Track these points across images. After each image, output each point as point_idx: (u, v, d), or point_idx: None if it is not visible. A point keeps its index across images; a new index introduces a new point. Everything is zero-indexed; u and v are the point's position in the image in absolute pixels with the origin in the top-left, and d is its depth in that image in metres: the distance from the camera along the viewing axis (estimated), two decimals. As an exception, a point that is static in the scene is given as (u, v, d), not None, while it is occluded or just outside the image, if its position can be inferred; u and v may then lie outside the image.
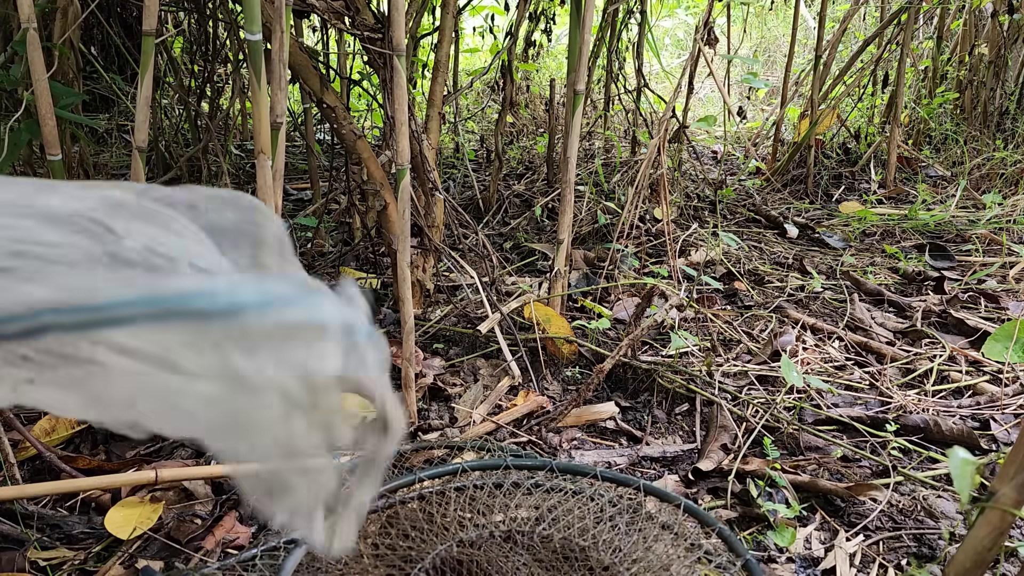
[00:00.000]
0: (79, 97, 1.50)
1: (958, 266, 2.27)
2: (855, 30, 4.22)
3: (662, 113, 2.04)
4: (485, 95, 4.17)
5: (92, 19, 2.58)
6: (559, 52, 4.56)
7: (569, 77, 1.67)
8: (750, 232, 2.59)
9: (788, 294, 2.05)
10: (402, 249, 1.34)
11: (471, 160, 3.42)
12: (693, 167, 3.01)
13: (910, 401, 1.50)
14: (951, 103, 3.44)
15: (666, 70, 3.98)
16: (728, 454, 1.32)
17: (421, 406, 1.48)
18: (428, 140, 1.69)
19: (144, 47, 1.25)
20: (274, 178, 1.17)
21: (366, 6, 1.49)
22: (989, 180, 2.99)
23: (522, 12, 2.46)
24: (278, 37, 1.15)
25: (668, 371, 1.54)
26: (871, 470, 1.31)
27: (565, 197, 1.69)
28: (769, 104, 4.64)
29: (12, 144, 1.33)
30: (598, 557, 0.97)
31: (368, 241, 2.15)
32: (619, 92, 2.82)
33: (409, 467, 1.26)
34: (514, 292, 1.93)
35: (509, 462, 1.13)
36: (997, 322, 1.82)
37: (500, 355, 1.63)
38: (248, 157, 3.13)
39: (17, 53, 1.36)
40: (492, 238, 2.44)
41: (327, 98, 1.58)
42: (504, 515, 1.06)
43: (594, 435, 1.41)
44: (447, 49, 1.74)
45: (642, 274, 2.13)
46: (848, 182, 3.20)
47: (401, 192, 1.31)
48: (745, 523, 1.17)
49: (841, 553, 1.10)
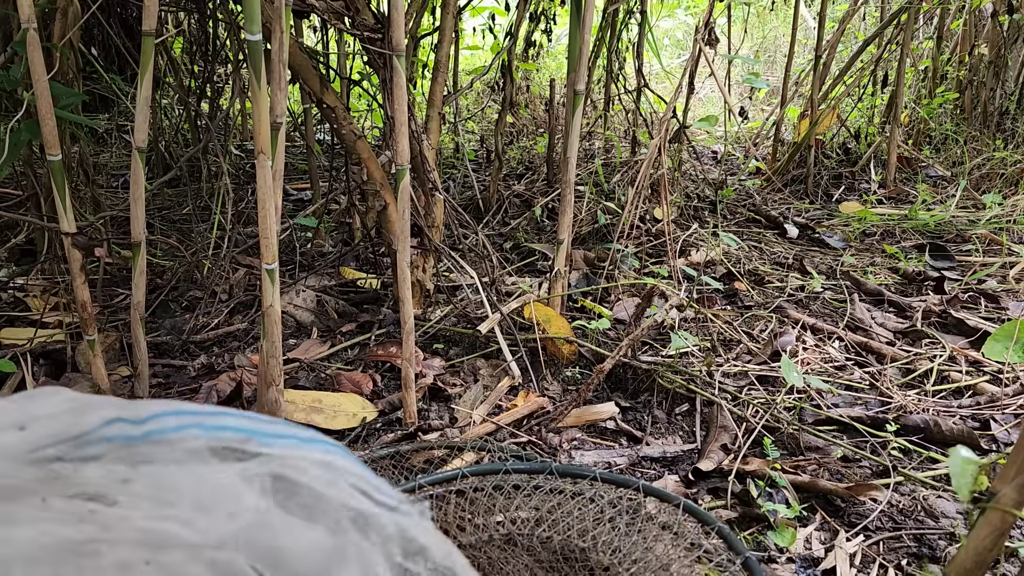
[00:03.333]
0: (79, 97, 1.50)
1: (958, 266, 2.27)
2: (855, 30, 4.22)
3: (662, 113, 2.04)
4: (485, 95, 4.17)
5: (92, 19, 2.58)
6: (559, 52, 4.56)
7: (569, 77, 1.67)
8: (750, 232, 2.59)
9: (788, 294, 2.05)
10: (402, 249, 1.34)
11: (471, 160, 3.42)
12: (693, 167, 3.01)
13: (910, 401, 1.50)
14: (951, 103, 3.44)
15: (666, 70, 3.98)
16: (728, 454, 1.32)
17: (421, 406, 1.48)
18: (428, 140, 1.69)
19: (144, 47, 1.25)
20: (274, 178, 1.17)
21: (366, 6, 1.49)
22: (989, 180, 2.99)
23: (522, 12, 2.46)
24: (278, 37, 1.15)
25: (668, 371, 1.54)
26: (871, 470, 1.31)
27: (565, 197, 1.69)
28: (769, 104, 4.64)
29: (12, 144, 1.33)
30: (598, 558, 0.97)
31: (368, 241, 2.15)
32: (619, 92, 2.82)
33: (409, 467, 1.26)
34: (514, 292, 1.93)
35: (508, 466, 1.13)
36: (997, 322, 1.82)
37: (500, 355, 1.63)
38: (248, 157, 3.13)
39: (17, 53, 1.36)
40: (492, 238, 2.43)
41: (327, 98, 1.58)
42: (504, 517, 1.06)
43: (594, 435, 1.41)
44: (447, 49, 1.74)
45: (642, 274, 2.13)
46: (848, 182, 3.20)
47: (401, 192, 1.31)
48: (745, 523, 1.17)
49: (841, 553, 1.10)
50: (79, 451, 0.44)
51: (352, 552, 0.46)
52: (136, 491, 0.43)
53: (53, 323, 1.67)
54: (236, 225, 2.28)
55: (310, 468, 0.49)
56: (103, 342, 1.61)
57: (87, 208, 1.92)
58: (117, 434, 0.45)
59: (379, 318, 1.83)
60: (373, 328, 1.78)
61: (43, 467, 0.43)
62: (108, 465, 0.44)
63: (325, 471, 0.50)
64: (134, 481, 0.44)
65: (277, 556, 0.44)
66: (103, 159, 2.82)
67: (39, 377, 1.51)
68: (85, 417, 0.46)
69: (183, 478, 0.45)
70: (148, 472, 0.44)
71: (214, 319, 1.81)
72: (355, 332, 1.80)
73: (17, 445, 0.44)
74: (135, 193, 1.33)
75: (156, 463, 0.45)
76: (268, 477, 0.47)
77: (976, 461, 0.70)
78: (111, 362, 1.60)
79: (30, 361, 1.52)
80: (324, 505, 0.47)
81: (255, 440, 0.48)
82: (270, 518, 0.45)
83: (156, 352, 1.66)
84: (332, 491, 0.48)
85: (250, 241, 2.25)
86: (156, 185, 2.10)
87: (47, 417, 0.46)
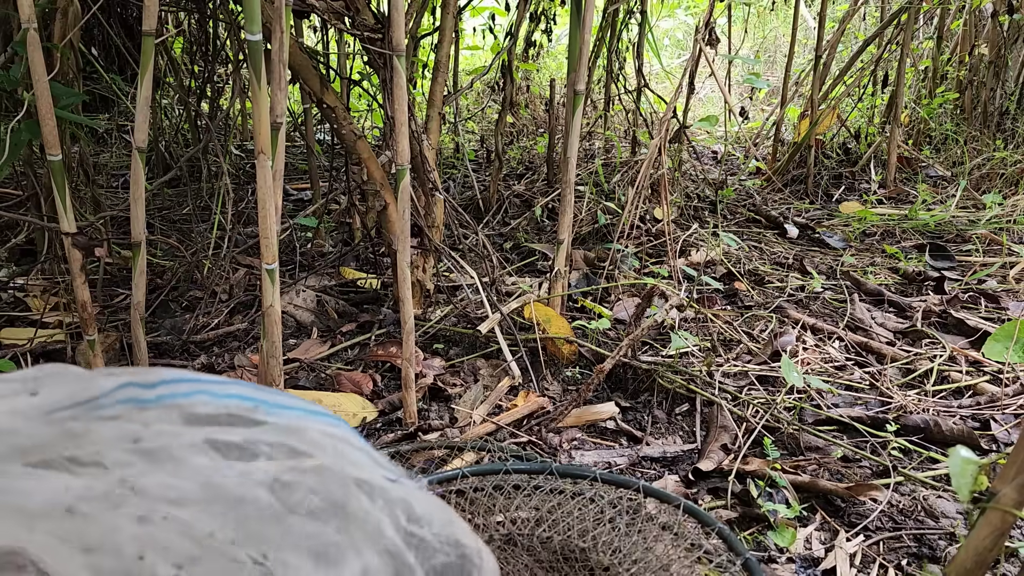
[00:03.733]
0: (79, 97, 1.50)
1: (958, 266, 2.27)
2: (855, 30, 4.22)
3: (662, 113, 2.04)
4: (485, 95, 4.17)
5: (92, 19, 2.58)
6: (559, 52, 4.56)
7: (569, 77, 1.67)
8: (750, 232, 2.59)
9: (788, 294, 2.05)
10: (402, 249, 1.34)
11: (471, 160, 3.42)
12: (693, 167, 3.01)
13: (910, 401, 1.50)
14: (951, 103, 3.44)
15: (666, 70, 3.98)
16: (728, 454, 1.32)
17: (421, 406, 1.48)
18: (428, 140, 1.69)
19: (144, 47, 1.25)
20: (274, 178, 1.17)
21: (366, 6, 1.49)
22: (989, 180, 2.99)
23: (522, 12, 2.46)
24: (278, 37, 1.15)
25: (668, 371, 1.54)
26: (871, 470, 1.31)
27: (565, 197, 1.69)
28: (769, 104, 4.64)
29: (12, 144, 1.33)
30: (598, 558, 0.97)
31: (368, 241, 2.15)
32: (619, 92, 2.82)
33: (409, 467, 1.26)
34: (514, 292, 1.93)
35: (509, 466, 1.13)
36: (997, 322, 1.82)
37: (500, 355, 1.63)
38: (248, 157, 3.13)
39: (17, 53, 1.36)
40: (492, 238, 2.44)
41: (327, 98, 1.58)
42: (504, 517, 1.06)
43: (594, 435, 1.41)
44: (447, 49, 1.74)
45: (642, 274, 2.13)
46: (848, 182, 3.20)
47: (401, 192, 1.31)
48: (745, 523, 1.17)
49: (841, 553, 1.10)
50: (93, 412, 0.45)
51: (360, 514, 0.47)
52: (149, 450, 0.44)
53: (53, 323, 1.67)
54: (236, 225, 2.28)
55: (317, 437, 0.50)
56: (103, 342, 1.61)
57: (87, 208, 1.92)
58: (130, 397, 0.47)
59: (379, 318, 1.83)
60: (373, 328, 1.78)
61: (60, 425, 0.44)
62: (122, 424, 0.45)
63: (331, 440, 0.51)
64: (146, 441, 0.44)
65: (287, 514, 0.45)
66: (103, 159, 2.82)
67: (39, 377, 1.50)
68: (97, 382, 0.47)
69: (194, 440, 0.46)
70: (159, 432, 0.45)
71: (214, 319, 1.81)
72: (355, 332, 1.80)
73: (32, 408, 0.45)
74: (135, 193, 1.33)
75: (167, 424, 0.46)
76: (276, 443, 0.48)
77: (976, 461, 0.70)
78: (111, 362, 1.60)
79: (30, 361, 1.52)
80: (330, 470, 0.48)
81: (262, 409, 0.49)
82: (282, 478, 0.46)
83: (156, 352, 1.66)
84: (338, 460, 0.49)
85: (250, 241, 2.25)
86: (156, 185, 2.11)
87: (58, 385, 0.47)
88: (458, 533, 0.54)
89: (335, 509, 0.47)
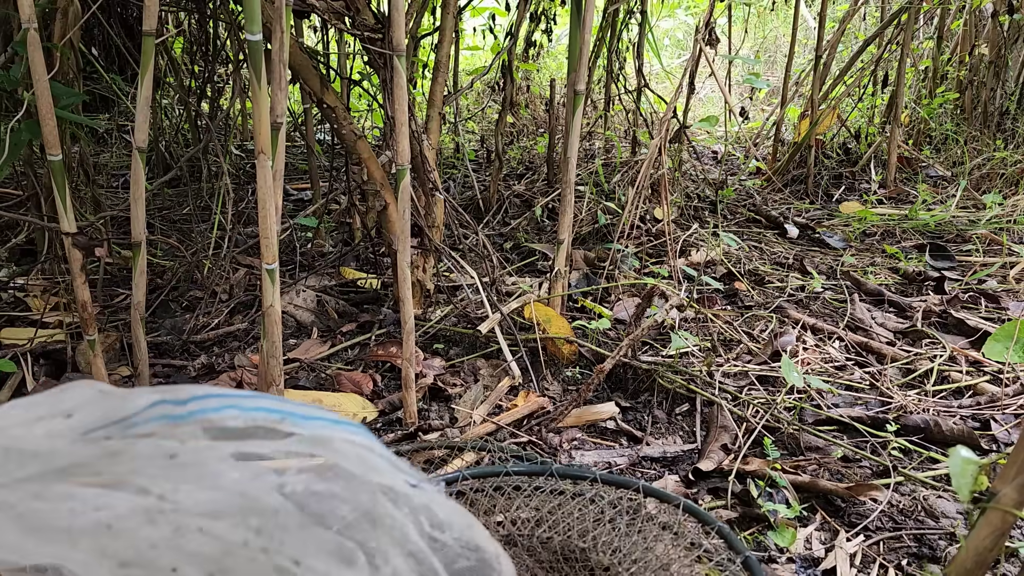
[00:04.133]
0: (79, 97, 1.50)
1: (958, 266, 2.27)
2: (855, 30, 4.22)
3: (662, 113, 2.04)
4: (485, 95, 4.17)
5: (92, 19, 2.58)
6: (559, 52, 4.56)
7: (569, 77, 1.67)
8: (750, 232, 2.59)
9: (788, 294, 2.05)
10: (402, 249, 1.34)
11: (471, 160, 3.42)
12: (693, 167, 3.01)
13: (910, 401, 1.50)
14: (951, 103, 3.44)
15: (666, 70, 3.98)
16: (728, 454, 1.32)
17: (421, 406, 1.48)
18: (428, 140, 1.69)
19: (144, 47, 1.25)
20: (274, 178, 1.17)
21: (366, 6, 1.49)
22: (989, 180, 2.99)
23: (523, 12, 2.46)
24: (278, 37, 1.15)
25: (668, 371, 1.54)
26: (871, 470, 1.31)
27: (565, 197, 1.69)
28: (769, 104, 4.64)
29: (12, 144, 1.33)
30: (598, 558, 0.97)
31: (368, 241, 2.15)
32: (619, 92, 2.82)
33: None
34: (514, 292, 1.93)
35: (509, 468, 1.13)
36: (997, 322, 1.82)
37: (500, 355, 1.63)
38: (248, 157, 3.13)
39: (17, 53, 1.36)
40: (492, 238, 2.44)
41: (327, 98, 1.58)
42: (504, 518, 1.06)
43: (594, 435, 1.41)
44: (447, 49, 1.74)
45: (642, 274, 2.13)
46: (848, 182, 3.20)
47: (401, 192, 1.31)
48: (745, 523, 1.17)
49: (841, 553, 1.10)
50: (129, 431, 0.47)
51: (387, 521, 0.50)
52: (184, 464, 0.46)
53: (53, 323, 1.67)
54: (236, 225, 2.28)
55: (342, 446, 0.52)
56: (103, 342, 1.61)
57: (87, 208, 1.92)
58: (163, 414, 0.49)
59: (379, 318, 1.83)
60: (373, 328, 1.78)
61: (98, 445, 0.46)
62: (158, 442, 0.47)
63: (355, 448, 0.53)
64: (181, 456, 0.47)
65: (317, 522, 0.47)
66: (103, 159, 2.82)
67: (39, 377, 1.51)
68: (130, 401, 0.49)
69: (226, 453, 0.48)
70: (193, 447, 0.47)
71: (214, 319, 1.81)
72: (355, 332, 1.80)
73: (70, 430, 0.47)
74: (135, 193, 1.33)
75: (200, 439, 0.48)
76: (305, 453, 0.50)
77: (976, 461, 0.70)
78: (111, 362, 1.60)
79: (30, 361, 1.52)
80: (357, 479, 0.50)
81: (289, 421, 0.51)
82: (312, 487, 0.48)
83: (156, 352, 1.66)
84: (363, 467, 0.52)
85: (250, 241, 2.25)
86: (156, 185, 2.11)
87: (90, 405, 0.49)
88: (477, 538, 0.56)
89: (363, 516, 0.49)
